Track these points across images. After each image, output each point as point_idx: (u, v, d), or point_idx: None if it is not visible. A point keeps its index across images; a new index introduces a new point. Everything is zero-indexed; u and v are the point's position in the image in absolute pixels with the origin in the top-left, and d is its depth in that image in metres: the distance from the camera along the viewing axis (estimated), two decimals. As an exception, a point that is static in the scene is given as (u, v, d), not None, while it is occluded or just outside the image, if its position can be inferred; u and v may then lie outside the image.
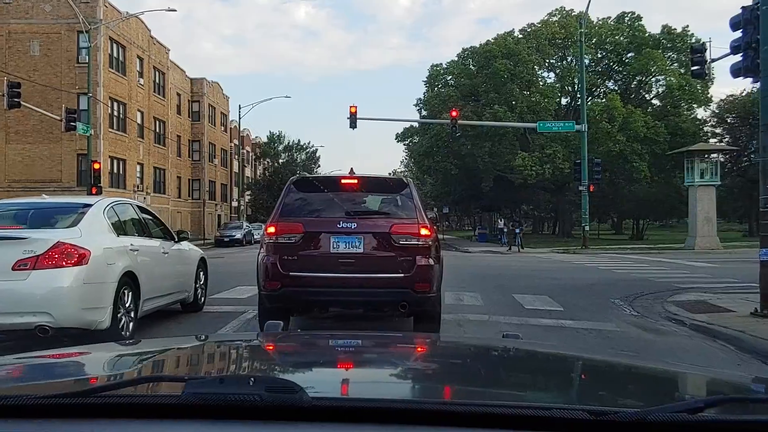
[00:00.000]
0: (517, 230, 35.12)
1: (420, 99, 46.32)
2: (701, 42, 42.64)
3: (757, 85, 10.77)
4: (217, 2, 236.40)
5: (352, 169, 8.57)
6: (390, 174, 7.57)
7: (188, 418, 1.17)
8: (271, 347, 2.24)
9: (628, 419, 1.12)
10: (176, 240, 9.08)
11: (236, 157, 71.45)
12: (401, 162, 59.25)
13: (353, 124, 33.27)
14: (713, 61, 20.53)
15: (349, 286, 7.07)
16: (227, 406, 1.16)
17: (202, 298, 10.10)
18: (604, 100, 41.33)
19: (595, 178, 32.97)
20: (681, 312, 11.03)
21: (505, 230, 34.69)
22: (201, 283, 10.01)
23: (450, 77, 44.89)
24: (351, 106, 33.22)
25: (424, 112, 46.81)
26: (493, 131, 41.12)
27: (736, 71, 10.85)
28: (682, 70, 43.25)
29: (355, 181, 7.68)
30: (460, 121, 34.34)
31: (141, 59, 43.43)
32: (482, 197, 51.95)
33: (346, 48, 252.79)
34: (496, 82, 40.37)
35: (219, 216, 61.02)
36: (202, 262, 10.10)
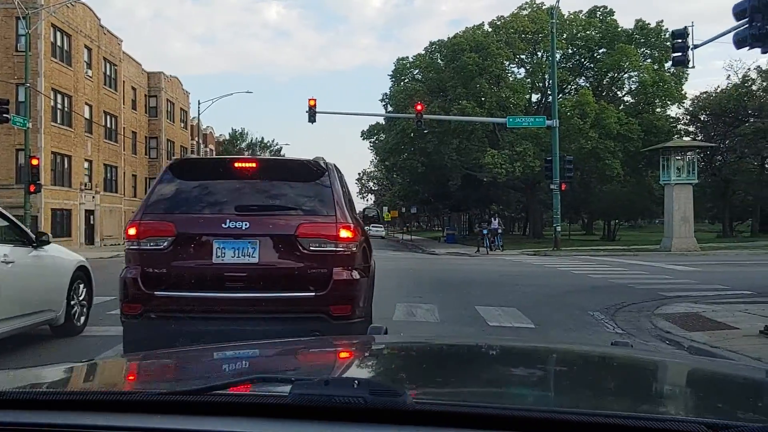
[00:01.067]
0: (500, 230, 33.24)
1: (386, 94, 44.37)
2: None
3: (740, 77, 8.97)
4: (187, 1, 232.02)
5: (251, 152, 6.54)
6: (307, 158, 5.44)
7: (292, 418, 1.20)
8: (373, 350, 2.25)
9: None
10: (35, 245, 6.97)
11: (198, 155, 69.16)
12: (371, 162, 57.33)
13: (312, 119, 31.26)
14: (695, 47, 18.91)
15: (237, 312, 5.08)
16: (332, 407, 1.17)
17: (82, 318, 7.99)
18: (575, 96, 39.73)
19: (566, 176, 31.35)
20: (674, 329, 9.23)
21: (485, 231, 32.63)
22: (81, 298, 7.92)
23: (417, 71, 42.92)
24: (309, 99, 31.23)
25: (390, 108, 44.91)
26: (461, 128, 39.31)
27: (741, 41, 9.08)
28: (656, 66, 42.02)
29: (254, 164, 5.66)
30: (425, 116, 32.53)
31: (89, 49, 40.82)
32: (451, 197, 50.15)
33: (317, 48, 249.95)
34: (464, 76, 38.55)
35: (178, 216, 58.46)
36: (82, 271, 7.98)
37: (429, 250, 36.47)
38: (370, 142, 48.05)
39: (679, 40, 18.88)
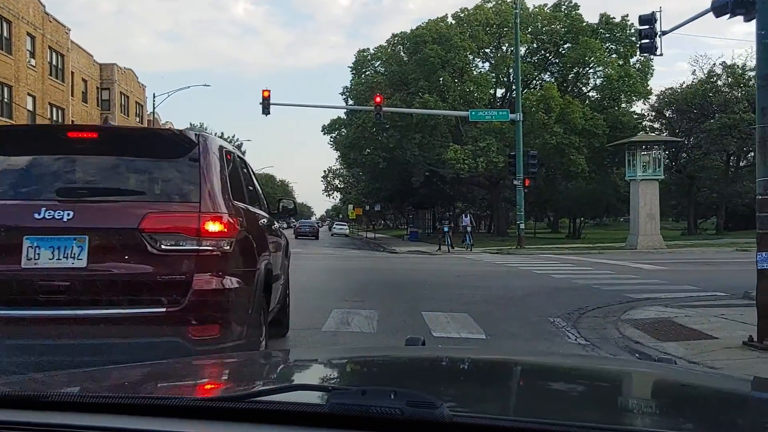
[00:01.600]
0: (470, 228, 31.89)
1: (346, 87, 42.88)
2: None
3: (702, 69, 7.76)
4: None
5: (107, 118, 5.08)
6: (173, 129, 4.09)
7: (329, 427, 1.20)
8: (410, 361, 2.25)
9: None
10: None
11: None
12: (336, 159, 55.70)
13: (266, 110, 29.77)
14: (663, 33, 17.89)
15: (55, 336, 3.68)
16: (369, 417, 1.18)
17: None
18: (540, 90, 38.73)
19: (530, 171, 30.30)
20: (644, 338, 8.06)
21: (446, 229, 31.32)
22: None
23: (378, 63, 41.53)
24: (263, 90, 29.69)
25: (351, 102, 43.49)
26: (424, 122, 38.08)
27: (721, 7, 7.86)
28: (621, 62, 41.29)
29: (94, 134, 4.21)
30: (385, 109, 31.21)
31: (32, 37, 38.66)
32: (414, 194, 48.92)
33: (285, 46, 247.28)
34: (427, 69, 37.31)
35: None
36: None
37: (390, 249, 35.19)
38: (331, 137, 46.52)
39: (647, 26, 17.85)
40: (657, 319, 9.43)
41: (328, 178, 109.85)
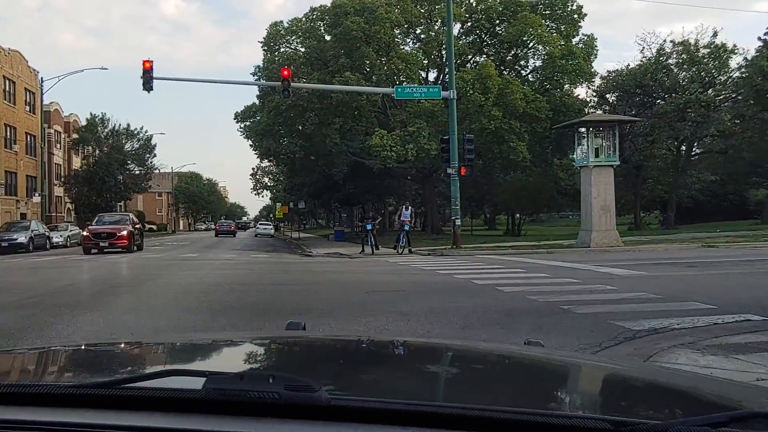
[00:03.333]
0: (407, 226, 26.67)
1: (258, 67, 37.56)
2: (581, 9, 36.93)
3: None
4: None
5: None
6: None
7: (207, 412, 1.18)
8: (290, 346, 2.23)
9: (650, 431, 1.11)
10: None
11: (56, 144, 59.76)
12: (269, 160, 49.02)
13: (147, 85, 24.51)
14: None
15: None
16: (246, 402, 1.16)
17: None
18: (477, 68, 34.44)
19: (467, 158, 25.96)
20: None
21: (368, 227, 26.41)
22: None
23: (294, 38, 36.38)
24: (144, 61, 24.40)
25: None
26: (345, 105, 33.28)
27: None
28: (563, 42, 37.47)
29: None
30: (295, 84, 26.35)
31: None
32: (339, 188, 44.10)
33: (218, 44, 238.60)
34: (348, 43, 32.53)
35: (24, 215, 49.45)
36: None
37: (308, 251, 30.32)
38: (243, 125, 41.13)
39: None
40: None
41: (257, 176, 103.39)
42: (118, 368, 1.82)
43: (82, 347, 2.25)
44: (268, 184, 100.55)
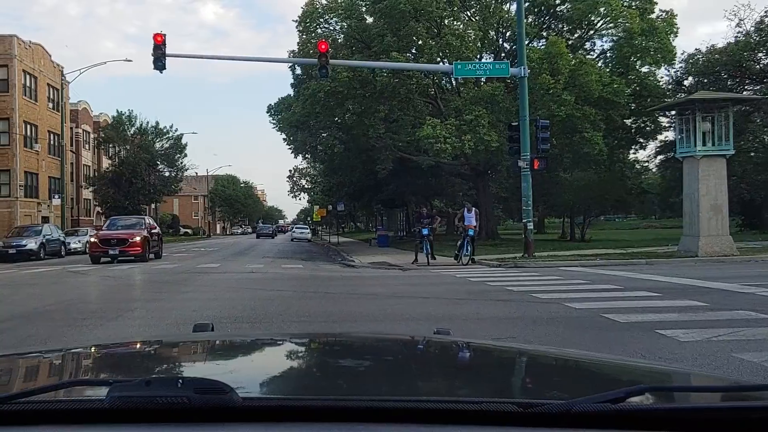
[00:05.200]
0: (472, 230, 21.56)
1: (293, 52, 33.42)
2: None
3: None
4: (119, 1, 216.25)
5: None
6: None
7: (115, 422, 1.14)
8: (200, 348, 2.16)
9: (554, 411, 1.15)
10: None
11: (85, 145, 56.75)
12: (304, 158, 45.17)
13: (159, 62, 20.56)
14: None
15: None
16: (155, 409, 1.12)
17: None
18: (544, 46, 29.72)
19: (540, 148, 21.45)
20: None
21: (425, 232, 21.45)
22: None
23: (333, 16, 32.08)
24: (156, 35, 20.47)
25: (298, 71, 34.23)
26: (392, 90, 28.92)
27: None
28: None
29: None
30: (334, 61, 22.16)
31: None
32: (382, 188, 39.74)
33: (255, 49, 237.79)
34: (395, 20, 28.18)
35: (46, 218, 46.33)
36: None
37: (349, 260, 26.08)
38: (277, 118, 37.06)
39: None
40: None
41: (294, 178, 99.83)
42: (14, 381, 1.71)
43: None
44: (306, 186, 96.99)
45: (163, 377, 1.37)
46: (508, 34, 34.84)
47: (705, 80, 35.46)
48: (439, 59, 29.17)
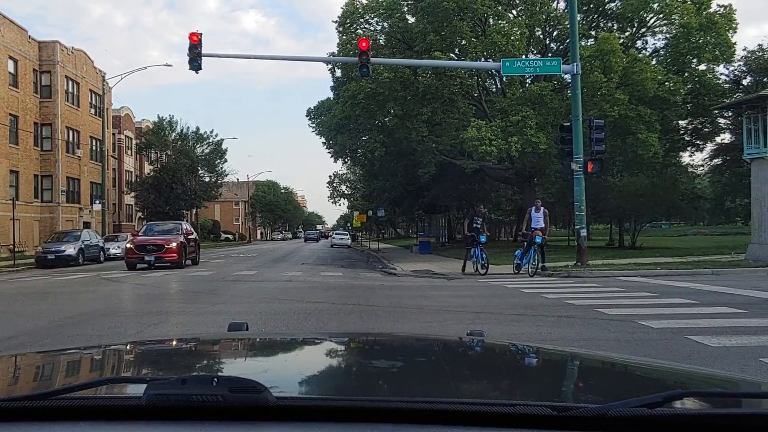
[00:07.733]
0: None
1: (333, 53, 32.62)
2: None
3: None
4: (163, 11, 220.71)
5: None
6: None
7: (150, 419, 1.14)
8: (235, 347, 2.16)
9: (589, 414, 1.13)
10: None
11: (127, 151, 57.01)
12: (344, 163, 44.36)
13: (195, 63, 19.89)
14: None
15: None
16: (190, 407, 1.13)
17: None
18: (596, 43, 28.29)
19: (594, 150, 20.12)
20: None
21: (483, 239, 20.02)
22: None
23: (374, 16, 31.18)
24: (191, 34, 19.80)
25: (338, 73, 33.42)
26: (435, 91, 27.85)
27: None
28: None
29: None
30: (375, 60, 21.22)
31: None
32: (423, 193, 38.61)
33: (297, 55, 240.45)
34: (438, 18, 27.11)
35: (87, 223, 46.43)
36: None
37: (391, 267, 25.04)
38: (316, 122, 36.34)
39: None
40: None
41: (334, 184, 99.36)
42: (53, 378, 1.73)
43: (14, 357, 2.10)
44: (345, 192, 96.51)
45: (198, 375, 1.33)
46: (555, 33, 33.49)
47: (765, 78, 33.61)
48: (483, 59, 27.98)
